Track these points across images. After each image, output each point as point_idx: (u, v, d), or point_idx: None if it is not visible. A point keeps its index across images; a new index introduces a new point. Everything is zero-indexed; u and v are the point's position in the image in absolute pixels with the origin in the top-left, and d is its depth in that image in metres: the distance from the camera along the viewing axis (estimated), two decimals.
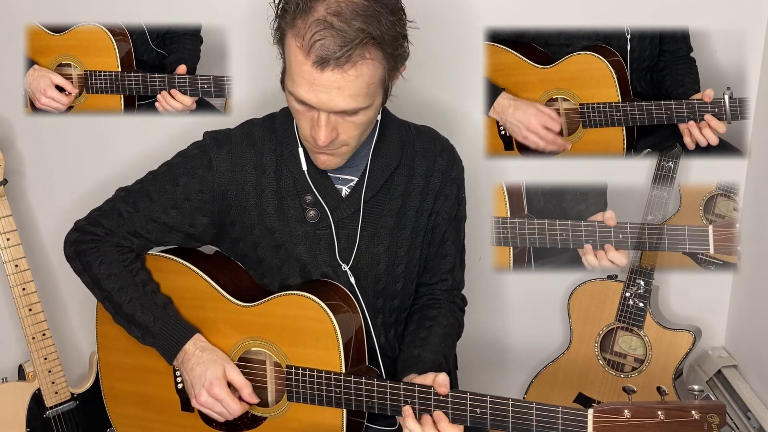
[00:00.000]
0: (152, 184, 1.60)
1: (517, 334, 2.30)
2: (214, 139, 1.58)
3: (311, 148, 1.49)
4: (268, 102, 1.73)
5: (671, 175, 1.97)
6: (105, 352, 1.71)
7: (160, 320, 1.57)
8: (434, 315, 1.67)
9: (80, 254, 1.62)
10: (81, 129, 2.05)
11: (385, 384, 1.46)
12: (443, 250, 1.70)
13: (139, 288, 1.59)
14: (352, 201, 1.58)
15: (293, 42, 1.35)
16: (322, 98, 1.36)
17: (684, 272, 2.15)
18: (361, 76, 1.35)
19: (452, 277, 1.72)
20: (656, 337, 2.03)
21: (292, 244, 1.57)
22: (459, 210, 1.70)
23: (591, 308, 2.10)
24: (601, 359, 2.10)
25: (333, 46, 1.31)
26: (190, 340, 1.56)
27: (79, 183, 2.09)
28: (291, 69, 1.38)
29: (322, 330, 1.50)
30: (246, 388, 1.54)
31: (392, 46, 1.37)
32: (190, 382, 1.54)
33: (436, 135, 1.69)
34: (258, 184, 1.57)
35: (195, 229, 1.60)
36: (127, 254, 1.61)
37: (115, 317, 1.60)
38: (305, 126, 1.44)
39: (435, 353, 1.59)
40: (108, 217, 1.61)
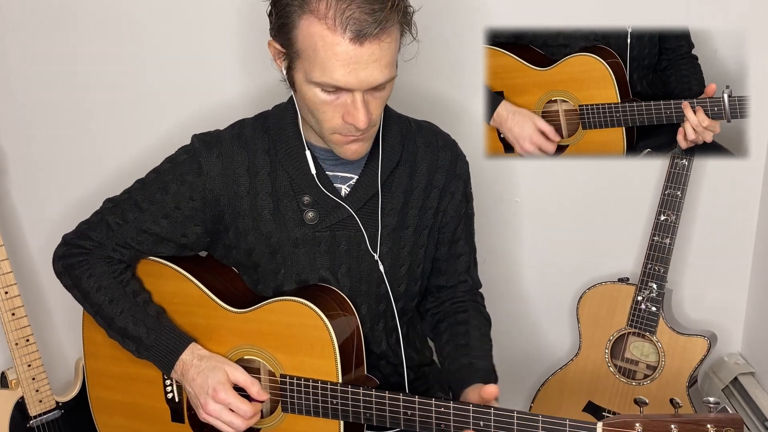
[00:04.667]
0: (141, 194, 1.59)
1: (524, 340, 2.30)
2: (203, 142, 1.57)
3: (341, 140, 1.46)
4: (262, 101, 1.73)
5: (685, 173, 1.96)
6: (92, 360, 1.71)
7: (153, 331, 1.56)
8: (465, 319, 1.68)
9: (69, 269, 1.62)
10: (66, 127, 2.05)
11: (384, 394, 1.45)
12: (456, 250, 1.70)
13: (129, 299, 1.58)
14: (353, 200, 1.57)
15: (317, 26, 1.33)
16: (362, 76, 1.35)
17: (699, 274, 2.17)
18: (393, 42, 1.36)
19: (471, 277, 1.73)
20: (669, 343, 2.02)
21: (290, 248, 1.56)
22: (468, 206, 1.71)
23: (601, 313, 2.10)
24: (611, 366, 2.10)
25: (366, 17, 1.31)
26: (186, 349, 1.56)
27: (66, 182, 2.09)
28: (317, 56, 1.35)
29: (317, 337, 1.49)
30: (253, 386, 1.52)
31: (406, 4, 1.38)
32: (194, 394, 1.53)
33: (438, 130, 1.68)
34: (252, 187, 1.56)
35: (187, 238, 1.60)
36: (117, 265, 1.61)
37: (109, 332, 1.59)
38: (333, 116, 1.42)
39: (483, 359, 1.60)
40: (96, 230, 1.61)
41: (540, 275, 2.25)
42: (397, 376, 1.69)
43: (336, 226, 1.57)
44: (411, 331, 1.75)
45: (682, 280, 2.18)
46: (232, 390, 1.51)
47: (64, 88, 2.01)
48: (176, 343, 1.56)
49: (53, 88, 2.00)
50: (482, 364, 1.59)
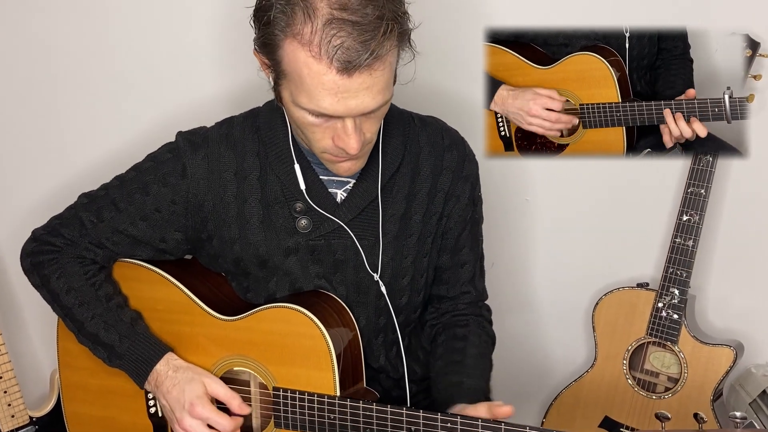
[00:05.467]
0: (119, 192, 1.57)
1: (535, 351, 2.31)
2: (188, 141, 1.55)
3: (333, 159, 1.44)
4: (248, 97, 1.70)
5: (710, 170, 1.95)
6: (68, 372, 1.69)
7: (126, 339, 1.54)
8: (464, 334, 1.66)
9: (38, 266, 1.60)
10: (39, 115, 2.05)
11: (386, 408, 1.44)
12: (460, 258, 1.68)
13: (102, 303, 1.57)
14: (349, 207, 1.54)
15: (301, 52, 1.28)
16: (351, 105, 1.31)
17: (724, 279, 2.15)
18: (387, 68, 1.32)
19: (474, 288, 1.71)
20: (693, 354, 2.01)
21: (281, 259, 1.55)
22: (475, 211, 1.68)
23: (618, 321, 2.09)
24: (630, 378, 2.08)
25: (356, 46, 1.26)
26: (161, 359, 1.54)
27: (38, 173, 2.08)
28: (302, 82, 1.31)
29: (313, 347, 1.48)
30: (234, 400, 1.51)
31: (403, 24, 1.34)
32: (169, 408, 1.52)
33: (444, 127, 1.66)
34: (239, 192, 1.53)
35: (166, 244, 1.59)
36: (90, 266, 1.60)
37: (79, 337, 1.58)
38: (322, 138, 1.40)
39: (476, 378, 1.59)
40: (69, 227, 1.59)
41: (552, 280, 2.25)
42: (398, 389, 1.68)
43: (331, 234, 1.55)
44: (414, 342, 1.73)
45: (706, 285, 2.16)
46: (210, 404, 1.50)
47: (37, 75, 2.01)
48: (150, 353, 1.54)
49: (26, 75, 2.01)
50: (472, 383, 1.58)
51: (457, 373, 1.58)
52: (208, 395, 1.50)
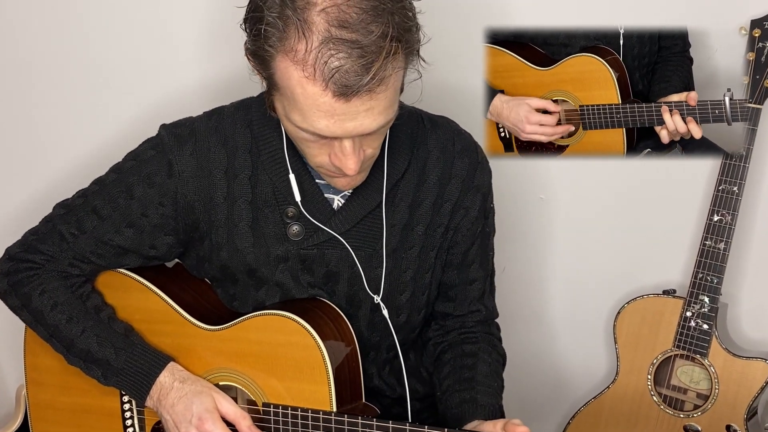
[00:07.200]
0: (100, 198, 1.53)
1: (551, 364, 2.29)
2: (173, 135, 1.50)
3: (329, 173, 1.42)
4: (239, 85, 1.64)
5: (743, 165, 1.91)
6: (36, 389, 1.66)
7: (123, 351, 1.51)
8: (474, 351, 1.63)
9: (16, 286, 1.55)
10: (5, 114, 2.02)
11: (387, 425, 1.42)
12: (469, 275, 1.64)
13: (92, 315, 1.53)
14: (346, 216, 1.50)
15: (294, 71, 1.24)
16: (349, 127, 1.27)
17: (759, 286, 2.11)
18: (390, 88, 1.27)
19: (484, 306, 1.68)
20: (724, 367, 1.98)
21: (269, 269, 1.52)
22: (486, 224, 1.65)
23: (642, 331, 2.06)
24: (655, 395, 2.05)
25: (356, 68, 1.21)
26: (164, 370, 1.51)
27: (8, 182, 2.08)
28: (295, 101, 1.27)
29: (307, 358, 1.46)
30: (244, 420, 1.48)
31: (411, 40, 1.29)
32: (173, 422, 1.48)
33: (457, 130, 1.61)
34: (229, 193, 1.49)
35: (157, 250, 1.55)
36: (74, 279, 1.56)
37: (68, 357, 1.54)
38: (318, 153, 1.37)
39: (490, 396, 1.57)
40: (47, 241, 1.55)
41: (570, 287, 2.23)
42: (398, 407, 1.66)
43: (325, 244, 1.51)
44: (414, 359, 1.71)
45: (739, 293, 2.12)
46: (220, 420, 1.47)
47: (2, 64, 2.00)
48: (151, 364, 1.51)
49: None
50: (487, 400, 1.56)
51: (470, 390, 1.55)
52: (218, 411, 1.48)
